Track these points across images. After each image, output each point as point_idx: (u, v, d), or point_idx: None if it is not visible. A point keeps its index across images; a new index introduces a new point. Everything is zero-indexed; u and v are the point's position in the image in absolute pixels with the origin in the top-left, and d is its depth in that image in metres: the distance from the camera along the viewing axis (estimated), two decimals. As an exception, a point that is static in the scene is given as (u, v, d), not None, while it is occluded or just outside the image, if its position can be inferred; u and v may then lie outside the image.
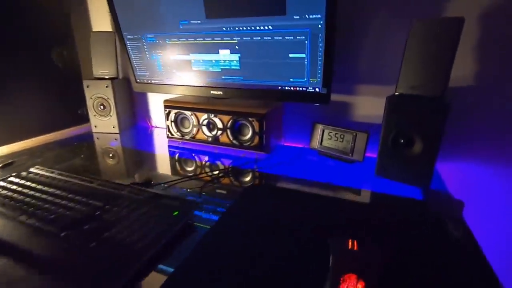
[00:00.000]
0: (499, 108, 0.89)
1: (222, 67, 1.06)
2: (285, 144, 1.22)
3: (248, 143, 1.07)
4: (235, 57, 1.02)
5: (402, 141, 0.82)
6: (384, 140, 0.85)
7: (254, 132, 1.05)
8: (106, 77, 1.35)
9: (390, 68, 0.97)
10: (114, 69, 1.35)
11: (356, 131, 0.97)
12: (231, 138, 1.10)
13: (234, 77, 1.06)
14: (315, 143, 1.07)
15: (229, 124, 1.09)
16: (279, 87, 1.01)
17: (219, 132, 1.11)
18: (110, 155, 1.13)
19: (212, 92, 1.13)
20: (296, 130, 1.19)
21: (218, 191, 0.83)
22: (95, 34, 1.33)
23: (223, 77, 1.08)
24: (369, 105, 1.05)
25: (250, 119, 1.03)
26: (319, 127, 1.06)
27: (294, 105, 1.17)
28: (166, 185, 0.85)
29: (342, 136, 1.00)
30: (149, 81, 1.24)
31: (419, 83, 0.78)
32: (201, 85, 1.14)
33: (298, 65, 0.94)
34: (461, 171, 0.99)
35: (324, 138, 1.05)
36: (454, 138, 0.96)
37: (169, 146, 1.21)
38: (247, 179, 0.91)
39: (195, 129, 1.16)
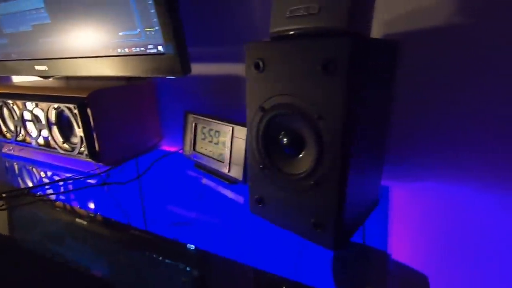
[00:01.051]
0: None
1: (32, 23, 0.65)
2: (163, 147, 0.78)
3: (76, 149, 0.64)
4: (39, 1, 0.60)
5: (285, 140, 0.37)
6: (253, 137, 0.40)
7: (78, 129, 0.62)
8: None
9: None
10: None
11: (233, 124, 0.52)
12: (59, 140, 0.68)
13: (49, 39, 0.64)
14: (188, 147, 0.64)
15: (53, 117, 0.66)
16: (110, 50, 0.58)
17: (44, 130, 0.69)
18: None
19: (36, 67, 0.71)
20: (176, 124, 0.76)
21: None
22: None
23: (40, 40, 0.67)
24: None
25: (68, 106, 0.61)
26: (191, 119, 0.62)
27: (167, 83, 0.74)
28: None
29: (217, 134, 0.56)
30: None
31: (304, 4, 0.33)
32: (23, 57, 0.72)
33: (121, 5, 0.51)
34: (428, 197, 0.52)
35: (197, 138, 0.61)
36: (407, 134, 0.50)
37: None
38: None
39: (19, 128, 0.75)
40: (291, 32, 0.34)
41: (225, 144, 0.53)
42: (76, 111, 0.59)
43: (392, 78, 0.40)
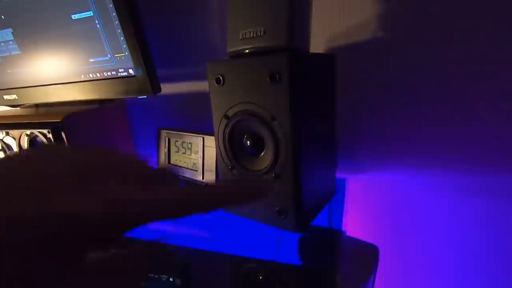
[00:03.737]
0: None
1: (1, 55, 0.67)
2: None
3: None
4: (8, 33, 0.63)
5: (248, 142, 0.43)
6: (221, 145, 0.45)
7: (54, 153, 0.64)
8: None
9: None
10: None
11: (203, 134, 0.57)
12: (33, 166, 0.68)
13: (18, 70, 0.67)
14: (162, 161, 0.67)
15: (26, 145, 0.67)
16: (82, 75, 0.62)
17: (16, 158, 0.70)
18: None
19: (5, 97, 0.72)
20: (150, 143, 0.79)
21: None
22: None
23: (9, 71, 0.69)
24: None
25: (42, 132, 0.63)
26: (164, 135, 0.66)
27: (138, 105, 0.78)
28: None
29: (189, 146, 0.61)
30: None
31: (250, 28, 0.40)
32: (-9, 88, 0.73)
33: (90, 34, 0.56)
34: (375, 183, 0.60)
35: (171, 151, 0.65)
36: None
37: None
38: None
39: (-12, 158, 0.74)
40: (245, 51, 0.41)
41: (198, 154, 0.58)
42: (50, 135, 0.62)
43: (333, 84, 0.48)
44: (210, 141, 0.56)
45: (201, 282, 0.38)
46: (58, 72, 0.64)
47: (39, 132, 0.63)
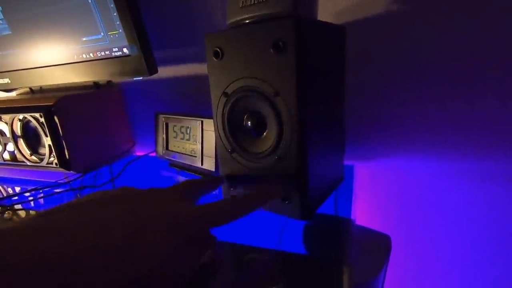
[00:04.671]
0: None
1: (-8, 36, 0.64)
2: (136, 153, 0.78)
3: (45, 159, 0.63)
4: (-3, 12, 0.60)
5: (249, 123, 0.39)
6: (220, 127, 0.42)
7: (46, 138, 0.61)
8: None
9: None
10: None
11: (202, 118, 0.54)
12: (27, 152, 0.66)
13: (10, 51, 0.64)
14: (160, 147, 0.64)
15: (18, 130, 0.65)
16: (75, 56, 0.59)
17: (9, 144, 0.67)
18: None
19: (-3, 81, 0.70)
20: (149, 129, 0.76)
21: None
22: None
23: (0, 53, 0.66)
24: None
25: (34, 116, 0.60)
26: (162, 120, 0.63)
27: (135, 88, 0.74)
28: None
29: (187, 130, 0.57)
30: None
31: (254, -7, 0.36)
32: (-17, 71, 0.71)
33: (82, 10, 0.52)
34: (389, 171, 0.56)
35: (169, 137, 0.62)
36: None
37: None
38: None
39: (-18, 144, 0.72)
40: (246, 21, 0.37)
41: (196, 139, 0.55)
42: (42, 119, 0.59)
43: (342, 60, 0.44)
44: (209, 124, 0.52)
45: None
46: (51, 53, 0.61)
47: (31, 116, 0.60)
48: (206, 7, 0.60)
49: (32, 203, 0.56)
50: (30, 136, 0.65)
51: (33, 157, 0.66)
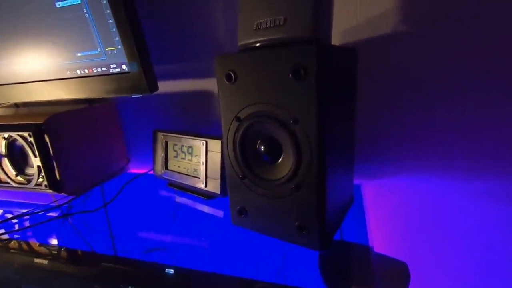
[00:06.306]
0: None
1: (-25, 48, 0.59)
2: (131, 171, 0.75)
3: (33, 180, 0.58)
4: (-19, 24, 0.55)
5: (261, 147, 0.38)
6: (229, 148, 0.40)
7: (35, 159, 0.57)
8: None
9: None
10: None
11: (206, 138, 0.52)
12: (12, 173, 0.61)
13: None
14: (159, 166, 0.61)
15: (3, 149, 0.60)
16: (67, 72, 0.55)
17: (-8, 164, 0.62)
18: None
19: (-20, 95, 0.65)
20: (144, 145, 0.73)
21: None
22: None
23: (-17, 66, 0.61)
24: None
25: (22, 135, 0.55)
26: (161, 138, 0.60)
27: (130, 104, 0.71)
28: None
29: (189, 150, 0.55)
30: None
31: (266, 17, 0.34)
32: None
33: (77, 24, 0.49)
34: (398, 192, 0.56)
35: (169, 156, 0.59)
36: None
37: None
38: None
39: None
40: (258, 44, 0.36)
41: (200, 159, 0.52)
42: (31, 139, 0.55)
43: (354, 82, 0.43)
44: (214, 144, 0.50)
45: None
46: (41, 67, 0.57)
47: (19, 135, 0.56)
48: (209, 21, 0.58)
49: (16, 232, 0.51)
50: (17, 156, 0.61)
51: (19, 178, 0.61)
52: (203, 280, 0.37)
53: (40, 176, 0.57)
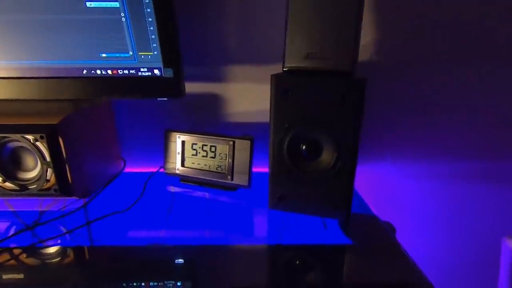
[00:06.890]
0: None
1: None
2: (126, 170, 0.74)
3: (35, 185, 0.54)
4: None
5: (304, 147, 0.49)
6: (276, 148, 0.50)
7: (44, 162, 0.53)
8: None
9: (274, 39, 0.65)
10: None
11: (233, 138, 0.59)
12: (-1, 178, 0.54)
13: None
14: (173, 165, 0.65)
15: (-12, 152, 0.53)
16: (84, 71, 0.53)
17: (-32, 169, 0.54)
18: None
19: None
20: (143, 144, 0.74)
21: None
22: None
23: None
24: (250, 96, 0.70)
25: (29, 138, 0.51)
26: (177, 138, 0.64)
27: (130, 103, 0.71)
28: None
29: (213, 149, 0.61)
30: None
31: (316, 49, 0.46)
32: None
33: (110, 26, 0.49)
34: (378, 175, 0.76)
35: (186, 154, 0.64)
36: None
37: None
38: None
39: None
40: (307, 69, 0.47)
41: (224, 157, 0.60)
42: (40, 141, 0.51)
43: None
44: (243, 144, 0.58)
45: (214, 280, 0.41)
46: (55, 64, 0.52)
47: (22, 137, 0.51)
48: (221, 33, 0.64)
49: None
50: (4, 159, 0.54)
51: (8, 184, 0.55)
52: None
53: (46, 180, 0.54)
